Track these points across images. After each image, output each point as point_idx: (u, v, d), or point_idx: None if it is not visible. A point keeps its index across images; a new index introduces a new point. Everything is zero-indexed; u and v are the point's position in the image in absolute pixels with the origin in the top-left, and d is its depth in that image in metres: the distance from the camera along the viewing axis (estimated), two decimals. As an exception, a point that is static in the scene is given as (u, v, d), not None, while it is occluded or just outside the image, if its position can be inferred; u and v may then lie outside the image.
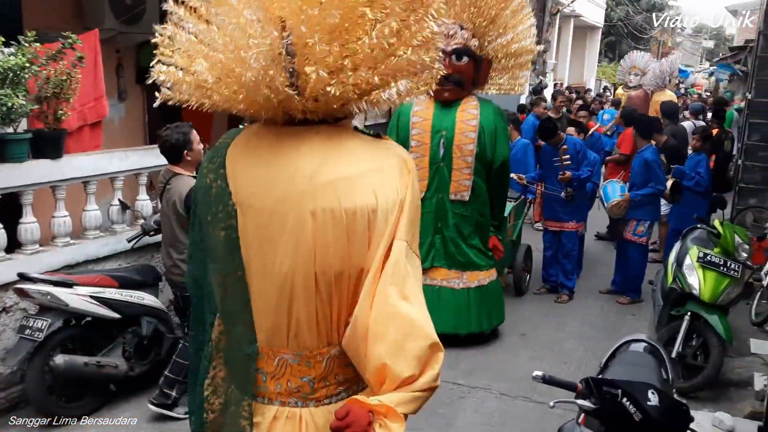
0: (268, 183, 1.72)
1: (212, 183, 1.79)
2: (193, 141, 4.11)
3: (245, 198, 1.74)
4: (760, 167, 8.06)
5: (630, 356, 3.17)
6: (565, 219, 6.64)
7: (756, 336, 5.38)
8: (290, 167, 1.72)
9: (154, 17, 6.49)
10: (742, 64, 17.01)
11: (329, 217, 1.69)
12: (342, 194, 1.70)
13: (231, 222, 1.74)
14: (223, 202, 1.76)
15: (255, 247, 1.74)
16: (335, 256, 1.71)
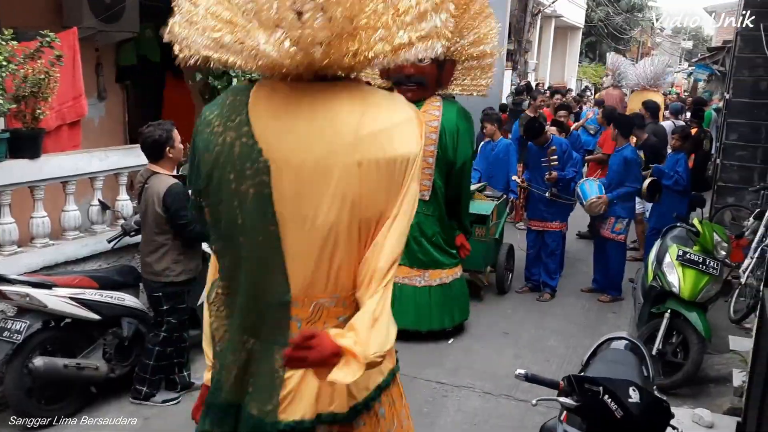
0: (310, 138, 1.78)
1: (234, 141, 1.81)
2: (175, 138, 4.10)
3: (282, 154, 1.78)
4: (738, 166, 8.17)
5: (611, 354, 3.19)
6: (549, 219, 6.69)
7: (734, 333, 5.45)
8: (334, 122, 1.79)
9: (134, 16, 6.44)
10: (720, 65, 17.22)
11: (374, 167, 1.79)
12: (384, 144, 1.81)
13: (263, 178, 1.79)
14: (252, 159, 1.79)
15: (291, 201, 1.80)
16: (377, 204, 1.83)
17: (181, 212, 3.98)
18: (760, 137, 7.99)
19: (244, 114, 1.83)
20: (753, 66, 7.94)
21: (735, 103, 8.18)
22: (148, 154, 4.10)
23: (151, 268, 4.10)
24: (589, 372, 2.98)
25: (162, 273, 4.07)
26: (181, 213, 3.99)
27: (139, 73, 7.45)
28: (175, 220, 3.99)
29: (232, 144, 1.81)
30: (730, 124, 8.26)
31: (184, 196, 4.01)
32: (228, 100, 1.90)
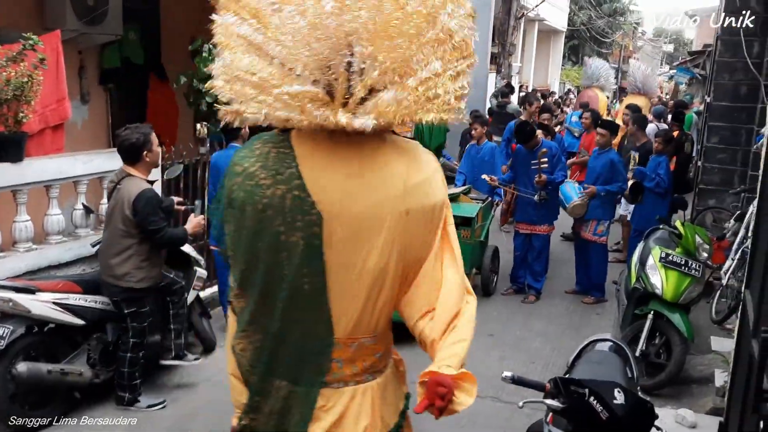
0: (361, 190, 1.89)
1: (285, 194, 1.87)
2: (153, 142, 4.08)
3: (333, 206, 1.87)
4: (719, 169, 8.27)
5: (596, 355, 3.23)
6: (537, 222, 6.73)
7: (716, 334, 5.51)
8: (384, 174, 1.92)
9: (117, 18, 6.40)
10: (701, 68, 17.42)
11: (420, 215, 1.95)
12: (427, 193, 1.98)
13: (314, 229, 1.87)
14: (303, 211, 1.87)
15: (340, 249, 1.90)
16: (421, 247, 1.99)
17: (152, 218, 3.97)
18: (740, 140, 8.09)
19: (295, 168, 1.89)
20: (733, 70, 8.04)
21: (715, 107, 8.29)
22: (125, 157, 4.08)
23: (112, 271, 4.05)
24: (575, 374, 3.01)
25: (122, 277, 4.03)
26: (152, 218, 3.97)
27: (123, 75, 7.40)
28: (145, 226, 3.97)
29: (282, 197, 1.87)
30: (710, 127, 8.36)
31: (155, 202, 4.00)
32: (270, 153, 1.94)
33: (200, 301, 5.13)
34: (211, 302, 5.77)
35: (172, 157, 5.53)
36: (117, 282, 4.04)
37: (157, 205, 4.02)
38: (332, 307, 1.95)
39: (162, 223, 4.03)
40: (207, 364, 4.99)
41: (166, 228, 4.07)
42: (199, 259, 4.99)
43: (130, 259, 4.03)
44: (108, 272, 4.08)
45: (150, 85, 7.98)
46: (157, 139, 4.14)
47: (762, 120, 6.93)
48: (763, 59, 7.58)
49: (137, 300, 4.11)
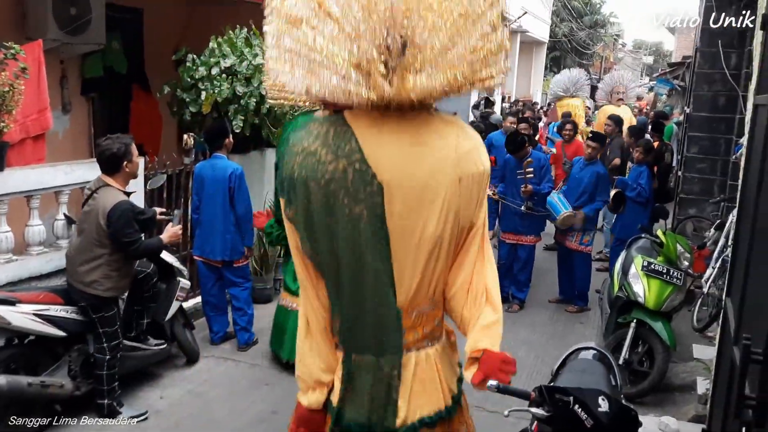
0: (419, 161, 1.97)
1: (347, 168, 1.94)
2: (133, 153, 4.07)
3: (393, 176, 1.95)
4: (699, 178, 8.38)
5: (580, 364, 3.24)
6: (524, 232, 6.76)
7: (698, 341, 5.57)
8: (438, 143, 2.00)
9: (100, 27, 6.36)
10: (680, 80, 17.66)
11: (470, 181, 2.05)
12: (476, 161, 2.08)
13: (376, 199, 1.95)
14: (365, 182, 1.94)
15: (400, 219, 1.98)
16: (471, 213, 2.10)
17: (126, 230, 3.95)
18: (719, 150, 8.21)
19: (354, 143, 1.96)
20: (711, 81, 8.17)
21: (695, 117, 8.41)
22: (104, 167, 4.06)
23: (80, 277, 4.02)
24: (559, 382, 3.02)
25: (90, 284, 4.01)
26: (126, 231, 3.95)
27: (106, 85, 7.35)
28: (119, 238, 3.95)
29: (345, 170, 1.94)
30: (690, 137, 8.48)
31: (130, 214, 3.98)
32: (329, 131, 1.99)
33: (183, 312, 5.09)
34: (195, 313, 5.73)
35: (155, 167, 5.50)
36: (84, 288, 4.01)
37: (133, 217, 4.00)
38: (395, 275, 2.03)
39: (136, 235, 4.01)
40: (190, 375, 4.95)
41: (141, 240, 4.05)
42: (182, 269, 4.95)
43: (99, 267, 4.01)
44: (76, 277, 4.05)
45: (133, 95, 7.93)
46: (137, 150, 4.12)
47: (741, 130, 7.03)
48: (741, 70, 7.71)
49: (103, 305, 4.07)
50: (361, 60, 1.80)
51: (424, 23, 1.81)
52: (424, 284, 2.09)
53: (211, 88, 5.88)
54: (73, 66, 6.97)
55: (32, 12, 6.04)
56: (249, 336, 5.42)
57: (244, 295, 5.39)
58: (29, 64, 4.61)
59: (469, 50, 1.89)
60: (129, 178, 4.15)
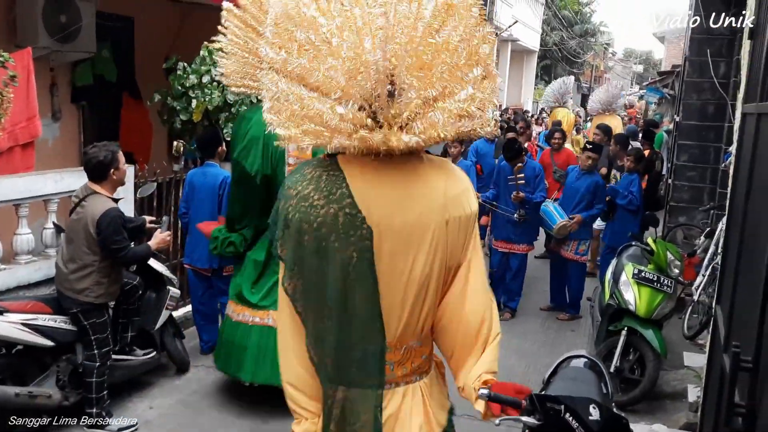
0: (408, 203, 2.06)
1: (338, 212, 2.02)
2: (120, 161, 4.06)
3: (381, 220, 2.03)
4: (689, 186, 8.43)
5: (571, 372, 3.24)
6: (516, 241, 6.76)
7: (689, 349, 5.59)
8: (426, 188, 2.10)
9: (90, 35, 6.35)
10: (669, 88, 17.80)
11: (457, 224, 2.14)
12: (463, 204, 2.17)
13: (366, 243, 2.03)
14: (355, 227, 2.02)
15: (388, 260, 2.06)
16: (458, 253, 2.18)
17: (115, 237, 3.94)
18: (708, 158, 8.27)
19: (345, 188, 2.04)
20: (701, 90, 8.23)
21: (684, 126, 8.46)
22: (91, 175, 4.06)
23: (70, 284, 4.00)
24: (551, 390, 3.01)
25: (82, 292, 3.99)
26: (115, 238, 3.94)
27: (96, 93, 7.33)
28: (109, 245, 3.95)
29: (335, 215, 2.02)
30: (680, 145, 8.53)
31: (119, 221, 3.98)
32: (321, 176, 2.08)
33: (173, 321, 5.06)
34: (185, 322, 5.70)
35: (146, 175, 5.47)
36: (76, 296, 3.99)
37: (122, 224, 4.00)
38: (384, 314, 2.11)
39: (125, 242, 4.01)
40: (180, 385, 4.91)
41: (129, 247, 4.05)
42: (172, 278, 4.93)
43: (90, 275, 3.99)
44: (66, 285, 4.03)
45: (123, 103, 7.91)
46: (124, 158, 4.11)
47: (729, 139, 7.08)
48: (730, 79, 7.78)
49: (95, 312, 4.06)
50: (347, 118, 1.88)
51: (411, 79, 1.87)
52: (412, 322, 2.16)
53: (201, 96, 5.87)
54: (63, 74, 6.95)
55: (22, 20, 6.03)
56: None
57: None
58: (18, 72, 4.60)
59: (459, 101, 1.96)
60: (116, 185, 4.14)
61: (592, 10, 35.36)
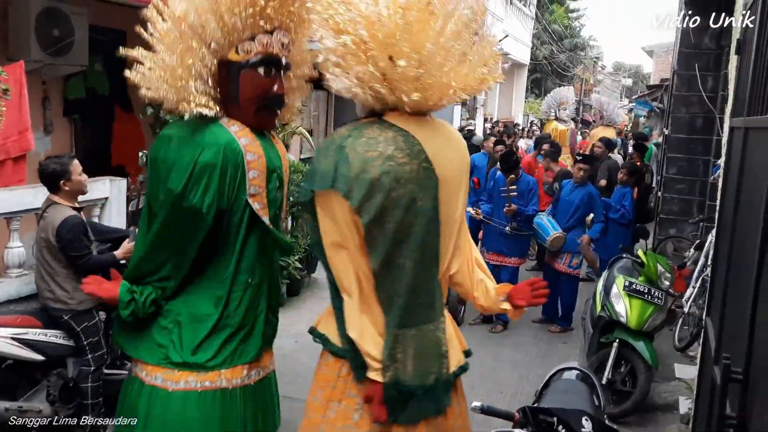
0: (451, 158, 2.42)
1: (419, 167, 2.28)
2: (72, 172, 4.04)
3: (443, 172, 2.36)
4: (678, 199, 8.50)
5: (563, 384, 3.25)
6: (507, 254, 6.77)
7: (680, 361, 5.61)
8: (455, 144, 2.50)
9: (83, 49, 6.36)
10: (658, 102, 17.96)
11: (468, 169, 2.57)
12: (467, 153, 2.58)
13: (435, 192, 2.34)
14: (431, 178, 2.32)
15: (445, 205, 2.39)
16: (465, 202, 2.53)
17: (75, 244, 3.92)
18: (697, 171, 8.35)
19: (419, 145, 2.30)
20: (689, 103, 8.33)
21: (673, 139, 8.55)
22: (47, 187, 4.08)
23: (50, 294, 3.99)
24: (543, 402, 3.03)
25: (61, 300, 3.98)
26: (75, 245, 3.92)
27: (88, 106, 7.33)
28: (68, 251, 3.92)
29: (417, 170, 2.28)
30: (669, 158, 8.61)
31: (79, 228, 3.95)
32: (396, 137, 2.28)
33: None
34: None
35: (138, 188, 5.47)
36: (58, 305, 3.98)
37: (83, 231, 3.97)
38: (441, 253, 2.42)
39: (85, 249, 3.96)
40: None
41: (90, 255, 3.99)
42: (163, 291, 4.90)
43: (66, 282, 3.97)
44: (46, 295, 4.01)
45: (115, 116, 7.90)
46: (79, 168, 4.10)
47: (718, 151, 7.15)
48: (718, 93, 7.87)
49: (84, 316, 4.04)
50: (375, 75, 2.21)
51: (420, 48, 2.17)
52: (448, 258, 2.48)
53: (194, 110, 5.87)
54: (55, 87, 6.95)
55: (15, 33, 6.03)
56: None
57: None
58: (11, 85, 4.60)
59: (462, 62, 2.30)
60: (74, 195, 4.11)
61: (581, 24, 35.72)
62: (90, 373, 4.06)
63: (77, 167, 4.07)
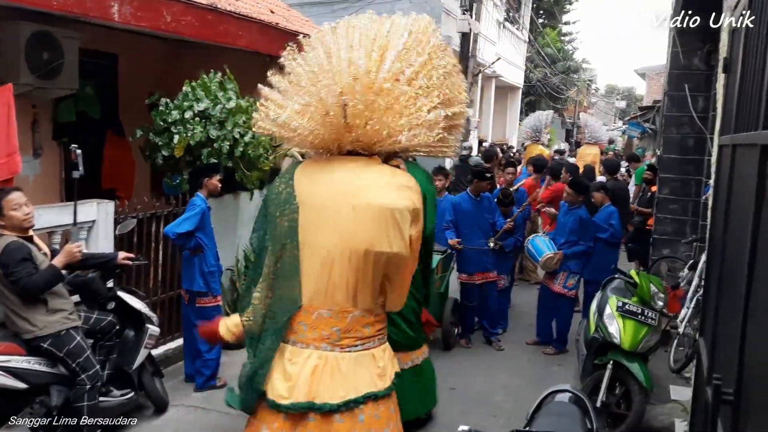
0: (324, 187, 2.73)
1: (282, 190, 2.80)
2: (4, 207, 3.98)
3: (306, 198, 2.72)
4: (672, 219, 8.48)
5: (556, 407, 3.20)
6: (491, 269, 6.88)
7: (675, 383, 5.54)
8: (338, 175, 2.79)
9: (73, 72, 6.35)
10: (651, 123, 18.05)
11: (363, 210, 2.71)
12: (373, 195, 2.74)
13: (294, 215, 2.71)
14: (289, 202, 2.75)
15: (308, 231, 2.68)
16: (363, 239, 2.72)
17: (10, 268, 3.85)
18: (690, 191, 8.34)
19: (291, 173, 2.85)
20: (680, 124, 8.35)
21: (665, 159, 8.55)
22: None
23: (16, 326, 3.94)
24: (535, 426, 2.96)
25: (27, 329, 3.92)
26: (10, 269, 3.85)
27: (78, 129, 7.29)
28: (7, 277, 3.88)
29: (281, 192, 2.81)
30: (662, 179, 8.61)
31: (17, 253, 3.88)
32: (289, 167, 2.90)
33: (152, 360, 4.96)
34: (164, 360, 5.59)
35: (126, 211, 5.42)
36: (28, 335, 3.92)
37: (19, 255, 3.88)
38: (302, 276, 2.77)
39: (20, 272, 3.85)
40: (158, 425, 4.80)
41: (23, 276, 3.86)
42: (152, 316, 4.84)
43: (22, 311, 3.92)
44: (15, 328, 3.96)
45: (106, 140, 7.87)
46: (14, 202, 4.01)
47: (709, 172, 7.15)
48: (708, 113, 7.88)
49: (63, 337, 3.98)
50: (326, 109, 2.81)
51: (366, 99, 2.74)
52: (320, 290, 2.81)
53: (183, 131, 5.86)
54: (44, 110, 6.92)
55: (4, 56, 6.01)
56: (202, 380, 5.32)
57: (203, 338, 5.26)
58: (-1, 109, 4.57)
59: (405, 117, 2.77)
60: (15, 227, 4.01)
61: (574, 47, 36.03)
62: (86, 391, 4.01)
63: (11, 202, 3.99)
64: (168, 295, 5.95)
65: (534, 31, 29.15)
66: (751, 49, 2.34)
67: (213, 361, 5.34)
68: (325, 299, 2.73)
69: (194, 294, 5.25)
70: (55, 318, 4.01)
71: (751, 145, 2.07)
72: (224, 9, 6.31)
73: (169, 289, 5.96)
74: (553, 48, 30.75)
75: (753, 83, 2.20)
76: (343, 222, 2.66)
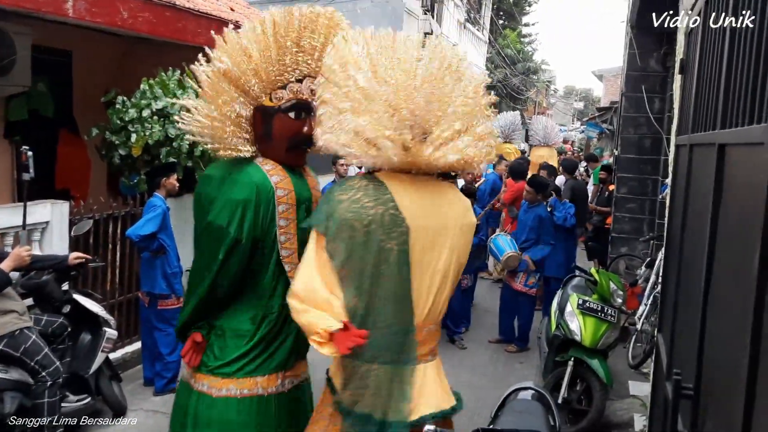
0: (435, 211, 2.70)
1: (384, 213, 2.59)
2: None
3: (416, 221, 2.62)
4: (629, 218, 8.65)
5: (519, 404, 3.22)
6: None
7: (634, 378, 5.64)
8: (446, 199, 2.77)
9: (25, 69, 6.16)
10: (609, 123, 18.40)
11: (467, 230, 2.81)
12: (469, 215, 2.85)
13: (404, 238, 2.60)
14: (397, 224, 2.59)
15: (419, 253, 2.62)
16: (465, 255, 2.80)
17: None
18: (647, 190, 8.52)
19: (389, 194, 2.63)
20: (637, 125, 8.52)
21: (623, 159, 8.72)
22: None
23: None
24: (499, 424, 2.98)
25: None
26: None
27: (31, 128, 7.08)
28: None
29: (383, 215, 2.59)
30: (620, 178, 8.77)
31: None
32: (368, 186, 2.66)
33: (110, 364, 4.84)
34: (122, 364, 5.46)
35: (81, 212, 5.28)
36: None
37: None
38: (413, 297, 2.62)
39: None
40: (116, 431, 4.68)
41: None
42: (109, 319, 4.72)
43: None
44: None
45: (60, 138, 7.66)
46: None
47: (666, 171, 7.32)
48: (664, 114, 8.07)
49: (17, 337, 3.89)
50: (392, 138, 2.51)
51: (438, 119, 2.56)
52: (433, 308, 2.67)
53: (141, 130, 5.74)
54: (-5, 108, 6.70)
55: (-48, 53, 5.81)
56: (163, 383, 5.23)
57: (165, 340, 5.18)
58: (-55, 106, 4.41)
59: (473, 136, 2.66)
60: None
61: (534, 48, 36.49)
62: (47, 387, 3.93)
63: None
64: (126, 298, 5.82)
65: (494, 32, 29.43)
66: (708, 50, 2.39)
67: (174, 364, 5.24)
68: (436, 315, 2.74)
69: (156, 296, 5.14)
70: (6, 319, 3.89)
71: (709, 144, 2.11)
72: (182, 6, 6.19)
73: (127, 291, 5.83)
74: (513, 49, 31.08)
75: (710, 83, 2.24)
76: (456, 242, 2.69)
